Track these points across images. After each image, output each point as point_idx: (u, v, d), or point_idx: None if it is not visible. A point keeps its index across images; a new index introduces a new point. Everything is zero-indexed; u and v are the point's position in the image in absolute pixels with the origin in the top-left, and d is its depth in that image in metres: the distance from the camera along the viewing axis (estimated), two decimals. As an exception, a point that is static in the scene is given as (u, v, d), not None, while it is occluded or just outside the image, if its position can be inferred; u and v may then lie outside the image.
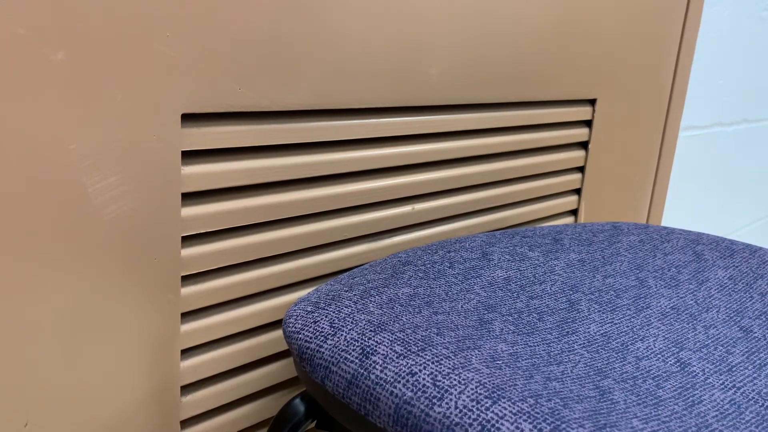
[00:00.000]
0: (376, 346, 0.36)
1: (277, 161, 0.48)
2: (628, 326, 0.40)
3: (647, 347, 0.37)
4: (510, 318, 0.40)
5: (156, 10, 0.39)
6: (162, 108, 0.41)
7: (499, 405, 0.31)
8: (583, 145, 0.77)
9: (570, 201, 0.77)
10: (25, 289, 0.38)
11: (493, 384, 0.32)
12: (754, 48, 1.16)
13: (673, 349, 0.38)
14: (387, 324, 0.38)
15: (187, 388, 0.48)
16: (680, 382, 0.34)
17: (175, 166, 0.42)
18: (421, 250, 0.50)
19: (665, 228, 0.58)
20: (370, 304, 0.40)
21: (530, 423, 0.30)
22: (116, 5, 0.38)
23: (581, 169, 0.77)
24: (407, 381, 0.33)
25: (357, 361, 0.36)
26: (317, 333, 0.38)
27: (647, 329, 0.40)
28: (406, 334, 0.37)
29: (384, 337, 0.37)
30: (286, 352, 0.54)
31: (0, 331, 0.38)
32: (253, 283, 0.49)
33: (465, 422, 0.30)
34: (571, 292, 0.44)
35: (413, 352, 0.35)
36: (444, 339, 0.36)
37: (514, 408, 0.30)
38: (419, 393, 0.32)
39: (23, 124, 0.36)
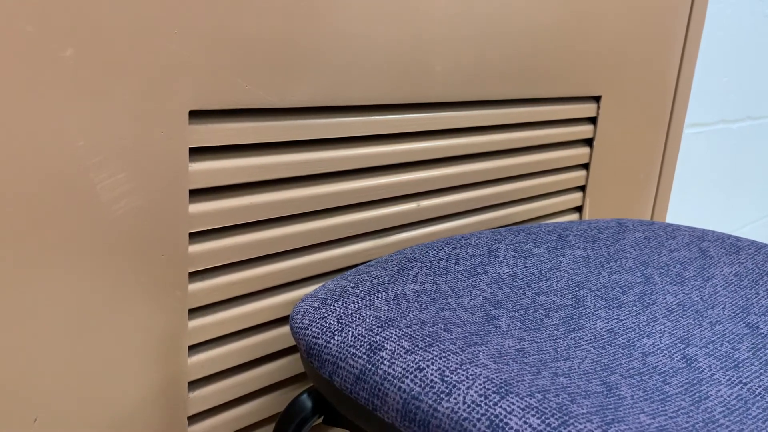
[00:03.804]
0: (383, 342, 0.36)
1: (283, 158, 0.48)
2: (634, 322, 0.40)
3: (653, 343, 0.38)
4: (516, 314, 0.40)
5: (164, 8, 0.39)
6: (169, 105, 0.41)
7: (507, 400, 0.31)
8: (588, 142, 0.77)
9: (575, 198, 0.77)
10: (33, 285, 0.38)
11: (501, 379, 0.32)
12: (758, 45, 1.15)
13: (680, 345, 0.38)
14: (394, 320, 0.38)
15: (194, 384, 0.48)
16: (687, 378, 0.34)
17: (182, 162, 0.43)
18: (426, 247, 0.50)
19: (670, 225, 0.58)
20: (377, 301, 0.41)
21: (538, 418, 0.30)
22: (124, 2, 0.38)
23: (586, 166, 0.77)
24: (415, 376, 0.33)
25: (365, 356, 0.36)
26: (325, 329, 0.39)
27: (653, 325, 0.40)
28: (414, 330, 0.37)
29: (391, 333, 0.37)
30: (293, 348, 0.54)
31: (9, 327, 0.38)
32: (260, 279, 0.50)
33: (473, 417, 0.30)
34: (577, 289, 0.44)
35: (421, 348, 0.35)
36: (451, 335, 0.36)
37: (522, 403, 0.31)
38: (427, 388, 0.33)
39: (32, 120, 0.36)
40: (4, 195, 0.36)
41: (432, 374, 0.33)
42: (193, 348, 0.48)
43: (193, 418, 0.49)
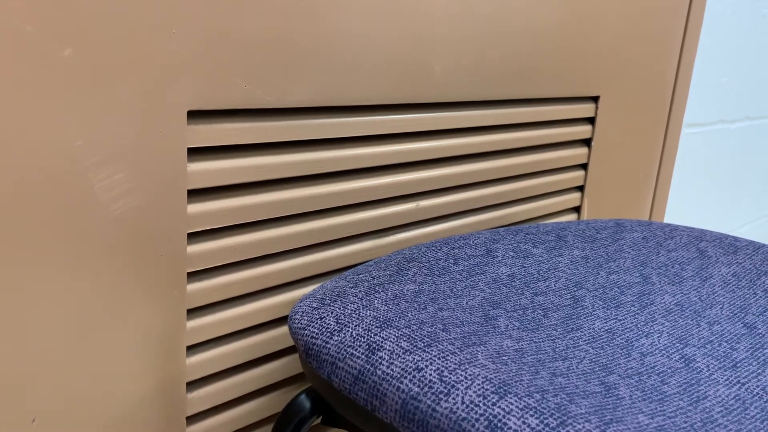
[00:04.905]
0: (382, 342, 0.36)
1: (282, 158, 0.48)
2: (632, 322, 0.40)
3: (652, 343, 0.38)
4: (515, 314, 0.40)
5: (162, 7, 0.39)
6: (168, 105, 0.41)
7: (506, 400, 0.31)
8: (586, 142, 0.77)
9: (573, 198, 0.77)
10: (31, 285, 0.38)
11: (500, 379, 0.32)
12: (758, 45, 1.16)
13: (678, 345, 0.38)
14: (393, 320, 0.38)
15: (192, 385, 0.48)
16: (685, 378, 0.34)
17: (181, 162, 0.43)
18: (425, 247, 0.50)
19: (668, 225, 0.58)
20: (376, 301, 0.41)
21: (537, 418, 0.30)
22: (123, 2, 0.38)
23: (584, 166, 0.78)
24: (414, 376, 0.33)
25: (363, 356, 0.36)
26: (323, 329, 0.39)
27: (651, 325, 0.40)
28: (412, 330, 0.37)
29: (390, 333, 0.37)
30: (292, 348, 0.54)
31: (7, 327, 0.38)
32: (259, 279, 0.50)
33: (472, 417, 0.30)
34: (576, 289, 0.44)
35: (419, 348, 0.35)
36: (450, 335, 0.36)
37: (520, 403, 0.31)
38: (426, 388, 0.33)
39: (30, 120, 0.36)
40: (1, 194, 0.36)
41: (430, 374, 0.33)
42: (192, 348, 0.48)
43: (192, 419, 0.49)
